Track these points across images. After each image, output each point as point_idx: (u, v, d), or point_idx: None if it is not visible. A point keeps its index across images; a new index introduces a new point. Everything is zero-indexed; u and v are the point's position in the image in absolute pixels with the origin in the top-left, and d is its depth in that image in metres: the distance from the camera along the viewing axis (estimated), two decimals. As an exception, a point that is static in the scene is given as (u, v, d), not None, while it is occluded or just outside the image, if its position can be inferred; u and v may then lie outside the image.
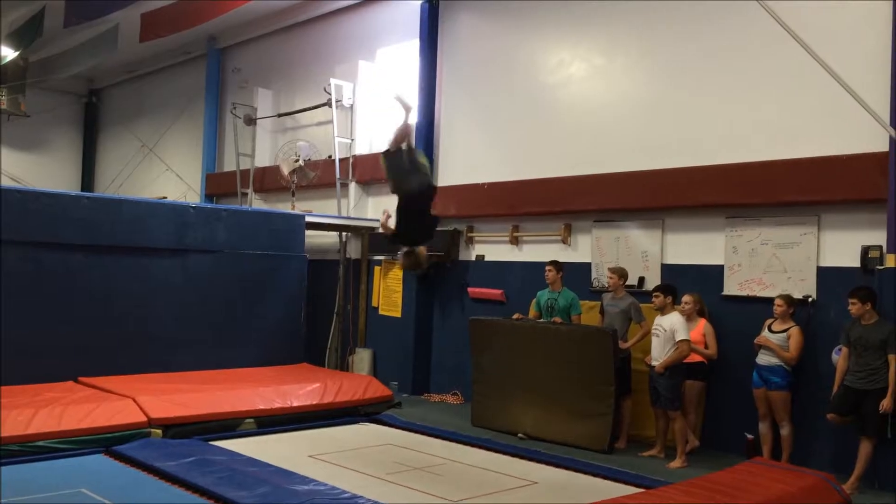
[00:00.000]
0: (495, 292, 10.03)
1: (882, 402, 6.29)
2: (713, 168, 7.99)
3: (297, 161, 12.08)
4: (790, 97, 7.63)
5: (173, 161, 16.30)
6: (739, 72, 8.00)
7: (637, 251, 8.74)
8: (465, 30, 10.88)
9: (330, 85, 12.07)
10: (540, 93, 9.86)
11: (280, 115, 13.63)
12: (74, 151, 19.34)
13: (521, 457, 7.42)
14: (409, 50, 11.43)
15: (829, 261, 7.33)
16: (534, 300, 8.68)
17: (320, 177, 12.16)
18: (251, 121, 13.75)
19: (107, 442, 6.99)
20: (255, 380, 8.99)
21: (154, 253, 9.41)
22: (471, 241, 10.60)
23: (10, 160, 17.29)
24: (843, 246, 7.22)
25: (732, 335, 7.72)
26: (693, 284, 7.96)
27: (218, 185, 14.82)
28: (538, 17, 9.93)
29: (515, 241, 10.06)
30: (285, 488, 5.71)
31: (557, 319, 8.24)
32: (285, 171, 12.17)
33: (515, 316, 8.64)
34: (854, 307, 6.56)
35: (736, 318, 7.78)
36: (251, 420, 8.09)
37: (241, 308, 10.12)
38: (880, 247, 6.90)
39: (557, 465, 7.12)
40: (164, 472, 6.21)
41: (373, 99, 12.13)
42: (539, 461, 7.26)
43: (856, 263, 7.08)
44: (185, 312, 9.61)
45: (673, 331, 7.27)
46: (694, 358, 7.49)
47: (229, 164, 14.58)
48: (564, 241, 9.46)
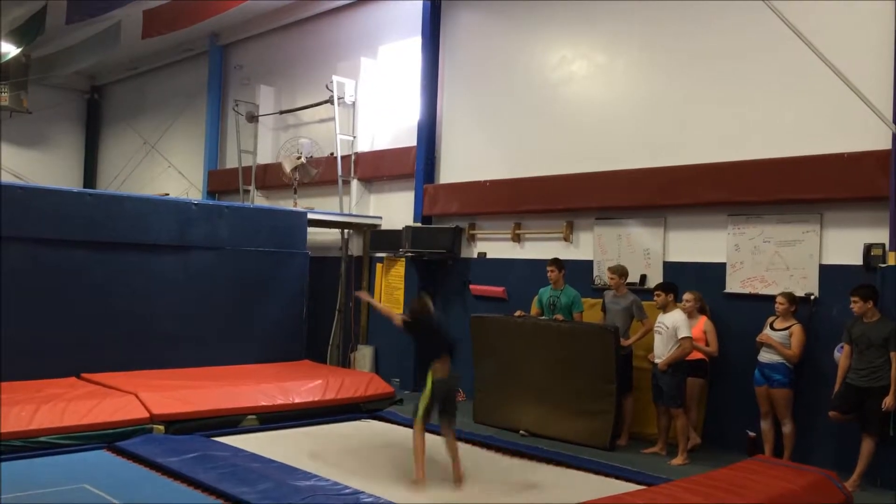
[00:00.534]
0: (497, 290, 10.04)
1: (884, 400, 6.30)
2: (715, 166, 7.99)
3: (298, 158, 12.09)
4: (793, 95, 7.62)
5: (175, 158, 16.31)
6: (742, 69, 7.99)
7: (639, 249, 8.74)
8: (467, 27, 10.88)
9: (332, 82, 12.07)
10: (542, 90, 9.86)
11: (282, 112, 13.64)
12: (76, 148, 19.37)
13: (523, 454, 7.41)
14: (411, 47, 11.42)
15: (832, 259, 7.33)
16: (536, 297, 8.67)
17: (322, 174, 12.18)
18: (253, 118, 13.76)
19: (109, 438, 7.00)
20: (257, 376, 9.00)
21: (156, 250, 9.42)
22: (472, 238, 10.60)
23: (12, 157, 17.32)
24: (845, 244, 7.22)
25: (734, 333, 7.72)
26: (695, 282, 7.96)
27: (220, 182, 14.84)
28: (540, 14, 9.93)
29: (517, 239, 10.07)
30: (288, 484, 5.72)
31: (559, 317, 8.25)
32: (287, 168, 12.18)
33: (517, 313, 8.63)
34: (856, 305, 6.56)
35: (738, 315, 7.78)
36: (253, 416, 8.10)
37: (243, 305, 10.13)
38: (883, 245, 6.90)
39: (559, 463, 7.12)
40: (167, 467, 6.22)
41: (375, 96, 12.14)
42: (541, 458, 7.25)
43: (858, 261, 7.09)
44: (187, 309, 9.61)
45: (675, 328, 7.27)
46: (695, 355, 7.49)
47: (231, 161, 14.58)
48: (566, 239, 9.46)
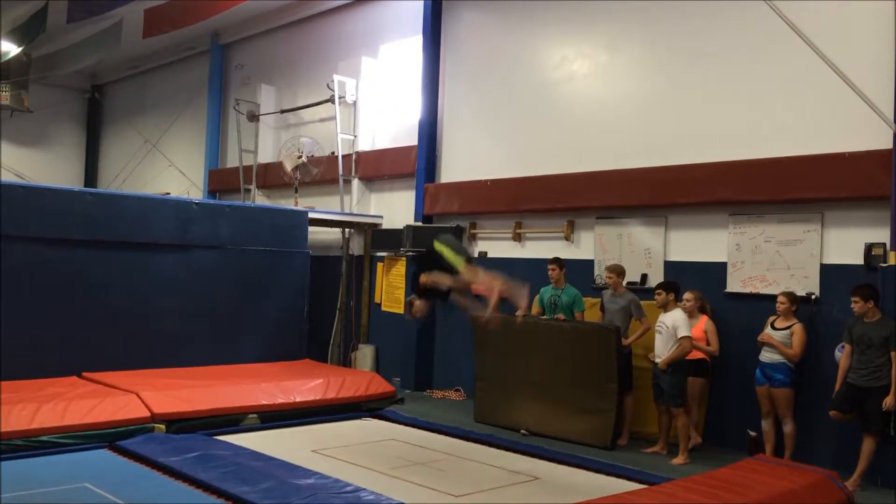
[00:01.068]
0: (498, 289, 10.02)
1: (885, 400, 6.30)
2: (716, 165, 7.99)
3: (299, 157, 12.09)
4: (794, 94, 7.62)
5: (176, 157, 16.32)
6: (743, 69, 7.99)
7: (640, 248, 8.74)
8: (468, 26, 10.87)
9: (333, 81, 12.08)
10: (543, 89, 9.86)
11: (283, 112, 13.64)
12: (77, 147, 19.38)
13: (524, 453, 7.42)
14: (413, 46, 11.42)
15: (833, 258, 7.33)
16: (537, 297, 8.67)
17: (323, 173, 12.18)
18: (254, 117, 13.76)
19: (110, 437, 7.00)
20: (258, 375, 9.01)
21: (157, 249, 9.42)
22: (473, 237, 10.60)
23: (13, 156, 17.33)
24: (846, 243, 7.22)
25: (735, 332, 7.72)
26: (696, 281, 7.96)
27: (221, 181, 14.84)
28: (541, 13, 9.93)
29: (518, 238, 10.07)
30: (289, 483, 5.72)
31: (560, 316, 8.25)
32: (288, 167, 12.18)
33: (518, 312, 8.62)
34: (856, 305, 6.56)
35: (739, 315, 7.78)
36: (254, 415, 8.10)
37: (244, 304, 10.13)
38: (884, 244, 6.90)
39: (559, 462, 7.12)
40: (168, 466, 6.22)
41: (376, 95, 12.14)
42: (541, 457, 7.26)
43: (859, 261, 7.09)
44: (188, 308, 9.62)
45: (675, 327, 7.27)
46: (696, 355, 7.49)
47: (232, 161, 14.58)
48: (567, 238, 9.46)
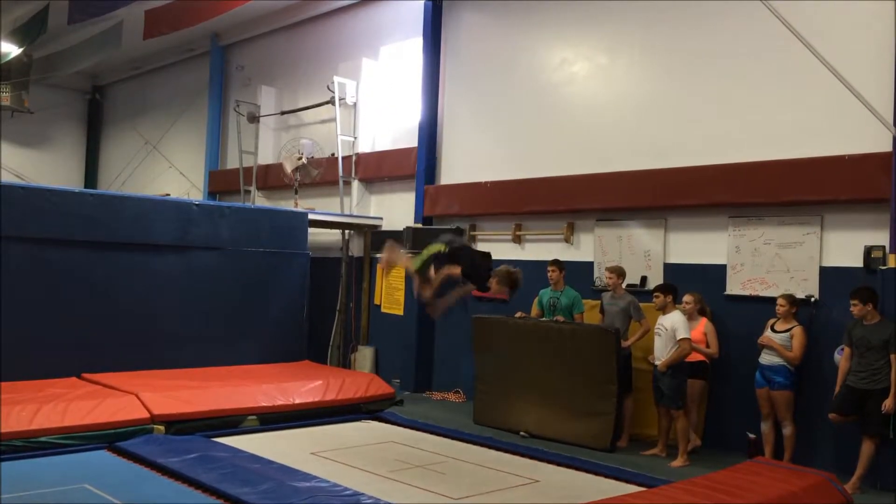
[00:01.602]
0: (498, 290, 10.03)
1: (884, 403, 6.30)
2: (716, 167, 7.99)
3: (300, 159, 12.10)
4: (793, 97, 7.63)
5: (176, 158, 16.32)
6: (743, 71, 7.99)
7: (639, 250, 8.74)
8: (469, 28, 10.88)
9: (333, 83, 12.08)
10: (543, 91, 9.86)
11: (283, 113, 13.65)
12: (78, 148, 19.39)
13: (523, 455, 7.42)
14: (413, 48, 11.43)
15: (832, 261, 7.33)
16: (536, 299, 8.68)
17: (323, 174, 12.18)
18: (254, 118, 13.77)
19: (110, 438, 7.00)
20: (258, 377, 9.00)
21: (157, 250, 9.42)
22: (473, 239, 10.59)
23: (13, 156, 17.33)
24: (845, 246, 7.23)
25: (735, 335, 7.73)
26: (695, 284, 7.96)
27: (221, 182, 14.85)
28: (541, 15, 9.94)
29: (518, 240, 10.07)
30: (288, 485, 5.72)
31: (560, 318, 8.25)
32: (288, 168, 12.19)
33: (518, 314, 8.64)
34: (856, 308, 6.56)
35: (738, 317, 7.79)
36: (254, 417, 8.10)
37: (244, 305, 10.13)
38: (883, 247, 6.91)
39: (559, 464, 7.12)
40: (167, 468, 6.23)
41: (376, 97, 12.15)
42: (541, 459, 7.26)
43: (859, 263, 7.09)
44: (188, 309, 9.62)
45: (674, 329, 7.27)
46: (696, 357, 7.50)
47: (232, 162, 14.59)
48: (567, 240, 9.47)
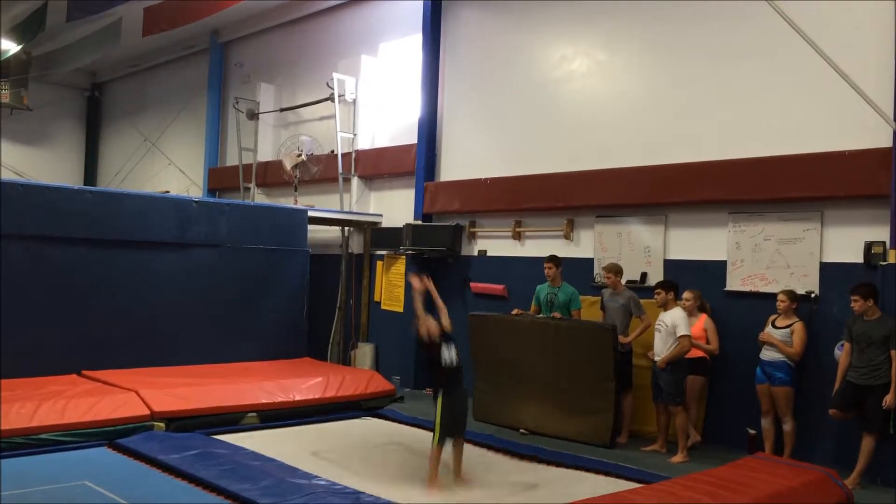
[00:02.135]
0: (497, 287, 10.04)
1: (885, 398, 6.30)
2: (716, 163, 7.98)
3: (299, 156, 12.08)
4: (793, 93, 7.61)
5: (176, 155, 16.31)
6: (742, 67, 7.98)
7: (639, 247, 8.74)
8: (468, 25, 10.87)
9: (332, 80, 12.07)
10: (542, 88, 9.85)
11: (282, 110, 13.64)
12: (77, 145, 19.38)
13: (523, 452, 7.40)
14: (412, 45, 11.42)
15: (832, 256, 7.32)
16: (534, 295, 8.68)
17: (323, 171, 12.17)
18: (253, 115, 13.76)
19: (110, 435, 7.01)
20: (258, 374, 9.01)
21: (157, 247, 9.42)
22: (473, 236, 10.60)
23: (12, 154, 17.32)
24: (846, 242, 7.22)
25: (735, 331, 7.72)
26: (696, 280, 7.96)
27: (220, 179, 14.84)
28: (540, 12, 9.92)
29: (518, 237, 10.07)
30: (288, 482, 5.72)
31: (557, 314, 8.25)
32: (288, 165, 12.17)
33: (515, 311, 8.64)
34: (856, 304, 6.56)
35: (739, 313, 7.78)
36: (254, 414, 8.10)
37: (244, 302, 10.13)
38: (883, 242, 6.90)
39: (558, 461, 7.11)
40: (167, 464, 6.23)
41: (375, 94, 12.14)
42: (540, 456, 7.25)
43: (859, 259, 7.09)
44: (188, 307, 9.62)
45: (674, 326, 7.27)
46: (696, 353, 7.49)
47: (232, 159, 14.58)
48: (566, 237, 9.46)
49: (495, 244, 10.37)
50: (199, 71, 15.75)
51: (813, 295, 7.34)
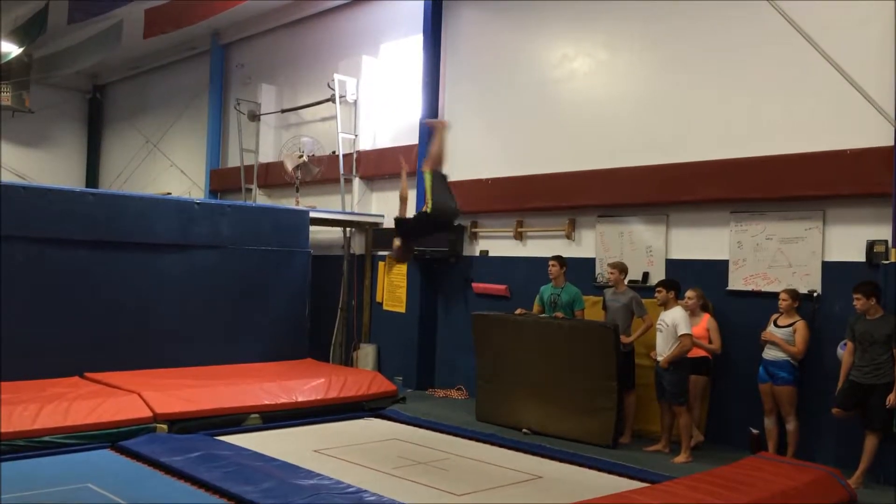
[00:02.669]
0: (499, 287, 10.04)
1: (888, 397, 6.29)
2: (718, 163, 7.98)
3: (300, 157, 12.09)
4: (795, 92, 7.60)
5: (177, 157, 16.32)
6: (744, 66, 7.97)
7: (641, 246, 8.73)
8: (469, 25, 10.86)
9: (333, 80, 12.07)
10: (543, 88, 9.85)
11: (284, 111, 13.65)
12: (78, 147, 19.39)
13: (526, 452, 7.42)
14: (413, 45, 11.42)
15: (835, 255, 7.32)
16: (537, 295, 8.68)
17: (324, 172, 12.18)
18: (255, 116, 13.77)
19: (112, 437, 7.01)
20: (260, 375, 9.01)
21: (158, 249, 9.43)
22: (475, 236, 10.59)
23: (14, 156, 17.35)
24: (848, 240, 7.21)
25: (737, 330, 7.72)
26: (698, 279, 7.95)
27: (222, 180, 14.85)
28: (541, 12, 9.92)
29: (519, 237, 10.06)
30: (291, 483, 5.72)
31: (560, 314, 8.24)
32: (289, 166, 12.18)
33: (518, 311, 8.64)
34: (859, 302, 6.55)
35: (741, 312, 7.77)
36: (256, 415, 8.11)
37: (246, 303, 10.13)
38: (885, 241, 6.89)
39: (561, 460, 7.12)
40: (170, 466, 6.23)
41: (376, 94, 12.14)
42: (543, 456, 7.26)
43: (861, 258, 7.08)
44: (190, 308, 9.62)
45: (675, 325, 7.26)
46: (698, 353, 7.48)
47: (233, 160, 14.59)
48: (568, 237, 9.46)
49: (497, 244, 10.36)
50: (200, 72, 15.76)
51: (815, 294, 7.33)
